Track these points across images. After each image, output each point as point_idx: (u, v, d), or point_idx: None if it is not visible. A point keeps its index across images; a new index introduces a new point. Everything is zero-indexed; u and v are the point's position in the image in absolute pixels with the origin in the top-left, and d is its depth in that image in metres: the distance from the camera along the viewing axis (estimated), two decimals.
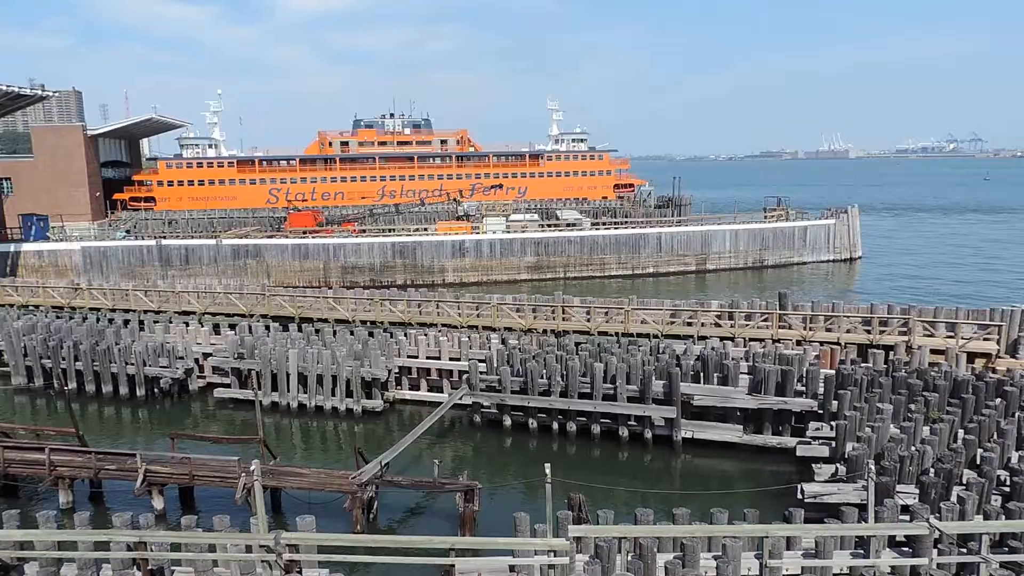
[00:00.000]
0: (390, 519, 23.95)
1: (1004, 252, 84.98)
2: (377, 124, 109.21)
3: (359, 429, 31.80)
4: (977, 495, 18.23)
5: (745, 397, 27.38)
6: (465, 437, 30.93)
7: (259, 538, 13.12)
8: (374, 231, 70.81)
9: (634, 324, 32.97)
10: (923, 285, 63.26)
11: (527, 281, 64.36)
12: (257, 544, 13.29)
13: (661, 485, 25.12)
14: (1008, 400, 24.03)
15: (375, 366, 32.21)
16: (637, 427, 28.82)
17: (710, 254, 68.04)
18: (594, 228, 69.33)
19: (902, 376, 26.09)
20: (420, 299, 37.35)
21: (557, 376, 29.10)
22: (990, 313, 30.01)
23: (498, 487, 26.37)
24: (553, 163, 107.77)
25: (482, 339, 33.92)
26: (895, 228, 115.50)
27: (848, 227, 73.20)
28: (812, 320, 31.26)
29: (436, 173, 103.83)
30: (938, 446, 21.27)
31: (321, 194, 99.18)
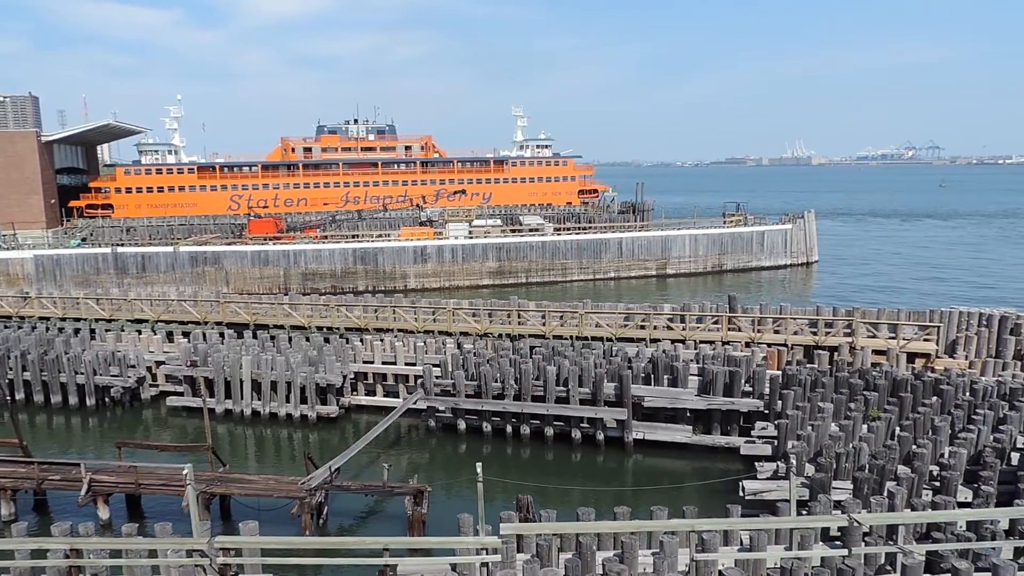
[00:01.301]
0: (341, 523, 23.95)
1: (955, 256, 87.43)
2: (341, 130, 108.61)
3: (314, 435, 31.72)
4: (907, 490, 18.86)
5: (694, 398, 27.89)
6: (420, 441, 31.01)
7: (191, 543, 13.10)
8: (337, 237, 70.46)
9: (588, 328, 33.33)
10: (876, 288, 64.82)
11: (489, 286, 64.57)
12: (191, 549, 13.27)
13: (613, 485, 25.49)
14: (944, 398, 24.82)
15: (330, 372, 32.14)
16: (589, 429, 29.17)
17: (670, 259, 68.93)
18: (556, 233, 69.83)
19: (844, 376, 26.79)
20: (377, 304, 37.34)
21: (511, 380, 29.34)
22: (930, 315, 30.98)
23: (452, 489, 26.49)
24: (518, 169, 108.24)
25: (438, 344, 34.03)
26: (853, 233, 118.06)
27: (804, 232, 74.70)
28: (760, 323, 31.93)
29: (400, 179, 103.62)
30: (874, 443, 21.92)
31: (284, 200, 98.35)
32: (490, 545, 13.56)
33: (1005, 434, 21.98)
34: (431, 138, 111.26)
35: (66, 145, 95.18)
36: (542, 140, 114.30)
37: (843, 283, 67.57)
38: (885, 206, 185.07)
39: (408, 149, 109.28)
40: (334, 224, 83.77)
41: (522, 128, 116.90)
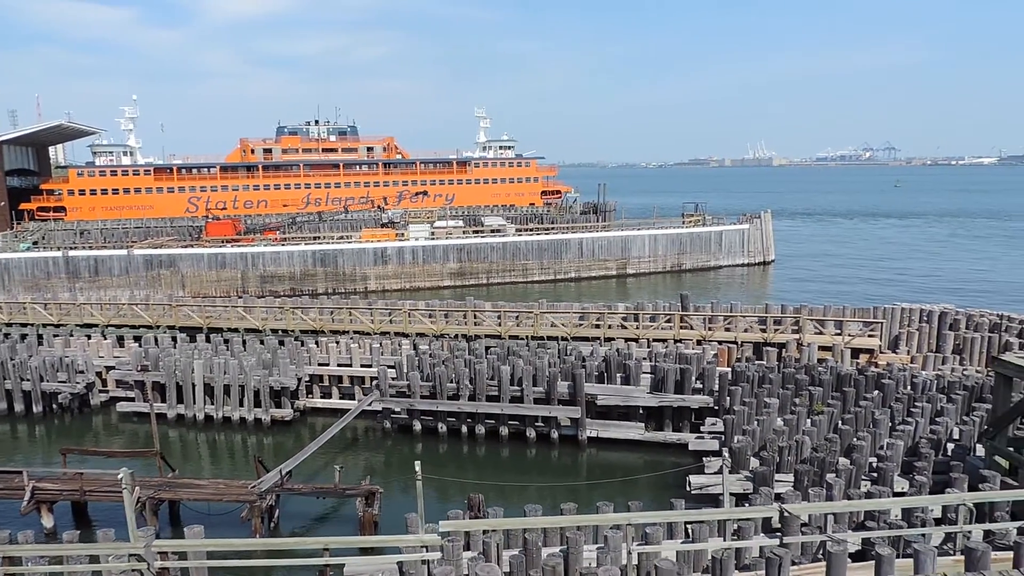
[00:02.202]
0: (293, 526, 23.86)
1: (906, 254, 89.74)
2: (301, 131, 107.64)
3: (268, 439, 31.47)
4: (845, 481, 19.42)
5: (646, 396, 28.31)
6: (376, 443, 30.97)
7: (128, 547, 12.97)
8: (297, 239, 69.82)
9: (544, 327, 33.60)
10: (830, 286, 66.23)
11: (450, 287, 64.57)
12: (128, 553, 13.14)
13: (567, 482, 25.77)
14: (885, 392, 25.54)
15: (284, 375, 31.91)
16: (544, 427, 29.42)
17: (630, 259, 69.64)
18: (518, 234, 70.08)
19: (791, 372, 27.42)
20: (332, 306, 37.15)
21: (465, 380, 29.45)
22: (874, 311, 31.84)
23: (409, 490, 26.49)
24: (480, 170, 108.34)
25: (394, 345, 33.99)
26: (811, 232, 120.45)
27: (761, 232, 76.03)
28: (712, 321, 32.51)
29: (362, 180, 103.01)
30: (817, 436, 22.50)
31: (243, 202, 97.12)
32: (430, 543, 13.65)
33: (941, 426, 22.73)
34: (393, 139, 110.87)
35: (16, 146, 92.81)
36: (505, 141, 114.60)
37: (799, 281, 68.92)
38: (842, 206, 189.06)
39: (370, 150, 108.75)
40: (294, 226, 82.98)
41: (485, 129, 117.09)
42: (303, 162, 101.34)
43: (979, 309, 32.54)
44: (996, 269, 75.96)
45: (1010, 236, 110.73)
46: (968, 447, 21.80)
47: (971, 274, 72.76)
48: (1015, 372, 18.49)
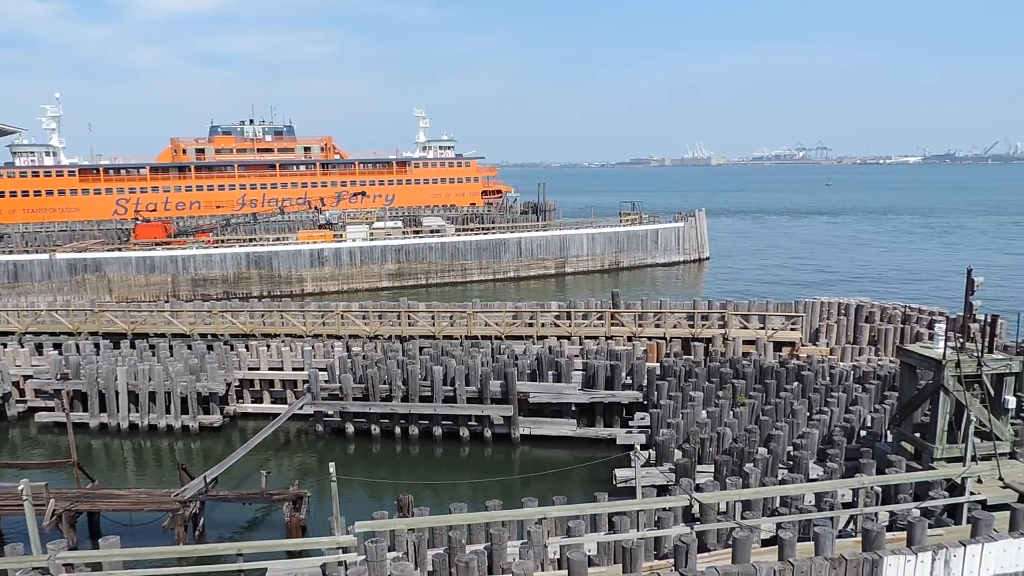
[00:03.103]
0: (220, 534, 23.39)
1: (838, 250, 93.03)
2: (236, 131, 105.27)
3: (196, 446, 30.77)
4: (762, 470, 20.10)
5: (577, 392, 28.70)
6: (308, 446, 30.61)
7: (32, 560, 12.57)
8: (232, 242, 68.28)
9: (477, 327, 33.72)
10: (762, 281, 68.20)
11: (389, 288, 64.13)
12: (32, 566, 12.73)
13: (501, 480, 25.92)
14: (804, 383, 26.48)
15: (212, 380, 31.24)
16: (477, 426, 29.55)
17: (568, 258, 70.35)
18: (457, 234, 70.04)
19: (716, 366, 28.18)
20: (263, 309, 36.52)
21: (398, 381, 29.37)
22: (795, 306, 32.99)
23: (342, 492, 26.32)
24: (421, 170, 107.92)
25: (326, 348, 33.62)
26: (747, 230, 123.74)
27: (696, 230, 77.75)
28: (642, 317, 33.17)
29: (300, 181, 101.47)
30: (738, 428, 23.19)
31: (175, 204, 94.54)
32: (346, 544, 13.62)
33: (854, 414, 23.71)
34: (331, 139, 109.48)
35: None
36: (445, 141, 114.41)
37: (732, 277, 70.74)
38: (777, 204, 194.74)
39: (307, 150, 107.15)
40: (228, 228, 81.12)
41: (424, 129, 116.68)
42: (237, 162, 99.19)
43: (893, 302, 34.07)
44: (915, 263, 79.40)
45: (931, 231, 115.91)
46: (879, 434, 22.80)
47: (892, 268, 75.90)
48: (918, 361, 19.43)
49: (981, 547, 12.80)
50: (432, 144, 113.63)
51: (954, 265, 73.40)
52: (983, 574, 12.88)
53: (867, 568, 12.40)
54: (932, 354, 18.84)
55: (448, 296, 60.48)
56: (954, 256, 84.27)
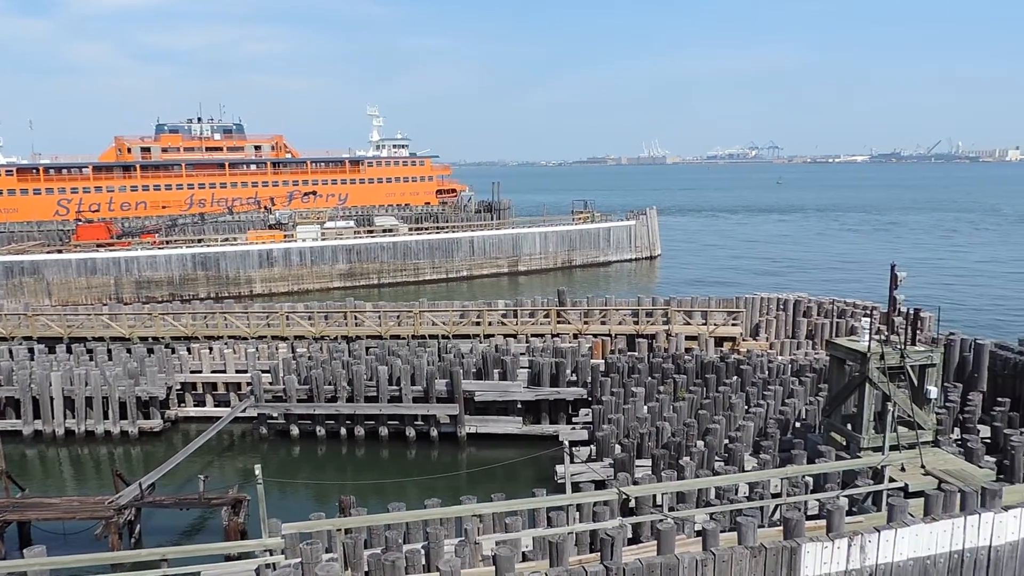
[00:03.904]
0: (158, 540, 22.94)
1: (786, 247, 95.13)
2: (183, 129, 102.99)
3: (136, 451, 30.13)
4: (698, 462, 20.51)
5: (523, 390, 28.88)
6: (252, 449, 30.21)
7: None
8: (179, 243, 66.84)
9: (425, 326, 33.66)
10: (711, 277, 69.41)
11: (340, 289, 63.52)
12: None
13: (446, 479, 25.93)
14: (743, 377, 27.08)
15: (152, 384, 30.59)
16: (423, 426, 29.52)
17: (521, 256, 70.59)
18: (409, 234, 69.73)
19: (658, 361, 28.63)
20: (206, 311, 35.86)
21: (343, 382, 29.17)
22: (736, 301, 33.68)
23: (287, 495, 26.16)
24: (374, 169, 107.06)
25: (271, 349, 33.20)
26: (699, 227, 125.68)
27: (647, 228, 78.73)
28: (588, 315, 33.50)
29: (250, 180, 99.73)
30: (677, 422, 23.60)
31: (120, 204, 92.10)
32: (273, 546, 13.52)
33: (789, 407, 24.33)
34: (282, 137, 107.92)
35: None
36: (399, 140, 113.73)
37: (683, 274, 71.83)
38: (729, 202, 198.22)
39: (258, 149, 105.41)
40: (175, 229, 79.34)
41: (378, 128, 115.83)
42: (185, 161, 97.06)
43: (830, 297, 35.03)
44: (857, 259, 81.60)
45: (876, 228, 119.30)
46: (812, 425, 23.44)
47: (835, 264, 77.93)
48: (845, 354, 20.03)
49: (895, 532, 13.27)
50: (386, 143, 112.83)
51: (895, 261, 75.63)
52: (897, 558, 13.37)
53: (786, 555, 12.76)
54: (858, 347, 19.43)
55: (401, 296, 60.18)
56: (894, 252, 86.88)
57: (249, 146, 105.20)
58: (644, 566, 12.18)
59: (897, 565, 13.40)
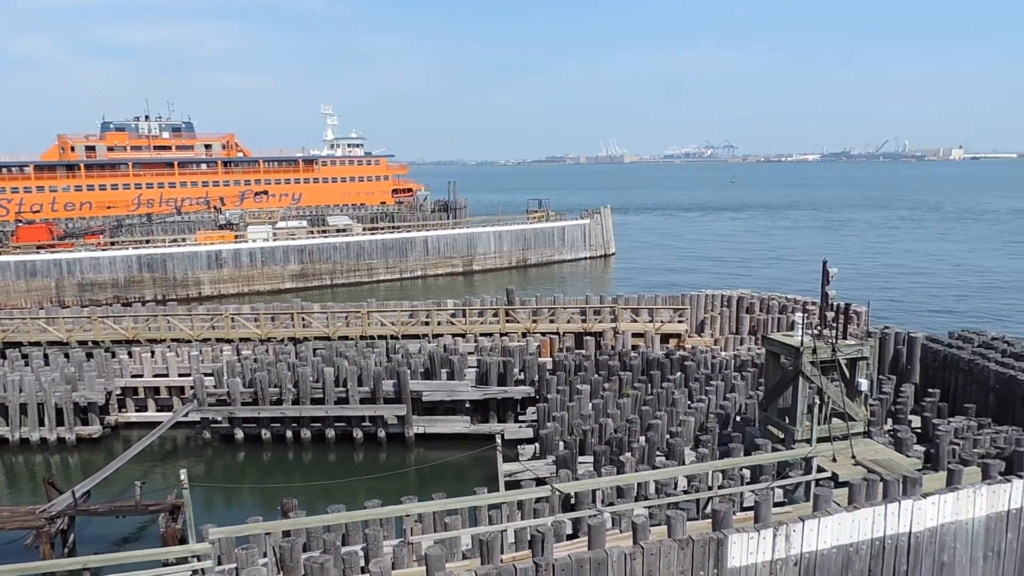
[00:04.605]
0: (95, 549, 22.35)
1: (736, 244, 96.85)
2: (130, 127, 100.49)
3: (73, 459, 29.34)
4: (638, 457, 20.79)
5: (470, 389, 28.89)
6: (195, 455, 29.66)
7: None
8: (126, 244, 65.17)
9: (373, 327, 33.44)
10: (663, 275, 70.30)
11: (292, 290, 62.71)
12: None
13: (393, 480, 25.82)
14: (686, 373, 27.50)
15: (91, 389, 29.83)
16: (371, 427, 29.35)
17: (476, 255, 70.57)
18: (363, 234, 69.15)
19: (605, 359, 28.91)
20: (148, 314, 35.06)
21: (288, 384, 28.81)
22: (682, 298, 34.18)
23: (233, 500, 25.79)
24: (328, 168, 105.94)
25: (215, 352, 32.62)
26: (654, 226, 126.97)
27: (602, 227, 79.37)
28: (537, 313, 33.65)
29: (200, 180, 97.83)
30: (620, 418, 23.87)
31: (63, 204, 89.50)
32: (200, 552, 13.32)
33: (730, 401, 24.81)
34: (234, 136, 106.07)
35: None
36: (354, 139, 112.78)
37: (636, 272, 72.60)
38: (684, 201, 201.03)
39: (208, 148, 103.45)
40: (121, 230, 77.37)
41: (332, 127, 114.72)
42: (132, 160, 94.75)
43: (772, 293, 35.81)
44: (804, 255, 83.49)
45: (825, 226, 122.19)
46: (752, 419, 23.94)
47: (783, 260, 79.64)
48: (780, 349, 20.50)
49: (818, 521, 13.63)
50: (340, 142, 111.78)
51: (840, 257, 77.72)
52: (820, 546, 13.73)
53: (713, 547, 13.01)
54: (792, 342, 19.90)
55: (354, 296, 59.63)
56: (841, 249, 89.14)
57: (199, 145, 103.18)
58: (574, 561, 12.30)
59: (821, 553, 13.77)
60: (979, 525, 15.13)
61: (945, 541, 14.88)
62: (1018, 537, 15.54)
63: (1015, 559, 15.60)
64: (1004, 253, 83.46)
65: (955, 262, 76.82)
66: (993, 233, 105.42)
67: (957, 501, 14.87)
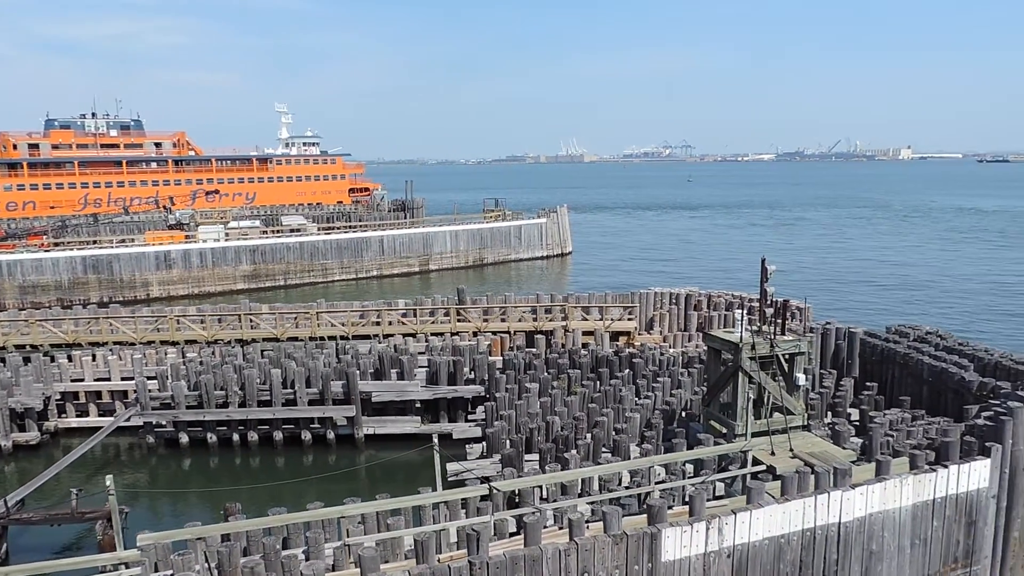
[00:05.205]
0: (30, 558, 21.74)
1: (693, 242, 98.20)
2: (76, 124, 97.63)
3: (10, 467, 28.45)
4: (583, 455, 20.96)
5: (420, 389, 28.78)
6: (139, 460, 29.03)
7: None
8: (71, 244, 63.35)
9: (323, 327, 33.10)
10: (619, 273, 70.94)
11: (244, 291, 61.70)
12: None
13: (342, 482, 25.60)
14: (634, 370, 27.80)
15: (28, 395, 28.96)
16: (320, 429, 29.05)
17: (432, 255, 70.33)
18: (318, 233, 68.36)
19: (554, 357, 29.06)
20: (89, 316, 34.16)
21: (234, 386, 28.36)
22: (631, 296, 34.54)
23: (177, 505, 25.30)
24: (283, 168, 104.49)
25: (159, 355, 31.94)
26: (612, 225, 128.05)
27: (558, 225, 79.75)
28: (488, 312, 33.68)
29: (150, 179, 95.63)
30: (567, 416, 24.02)
31: (5, 204, 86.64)
32: (127, 559, 13.05)
33: (676, 397, 25.14)
34: (184, 134, 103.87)
35: None
36: (309, 138, 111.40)
37: (592, 271, 73.13)
38: (642, 200, 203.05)
39: (158, 146, 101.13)
40: (67, 230, 75.18)
41: (287, 125, 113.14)
42: (78, 159, 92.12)
43: (718, 290, 36.41)
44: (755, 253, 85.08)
45: (779, 224, 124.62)
46: (697, 415, 24.30)
47: (736, 257, 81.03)
48: (721, 345, 20.85)
49: (750, 514, 13.93)
50: (296, 141, 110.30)
51: (790, 255, 79.44)
52: (753, 538, 14.03)
53: (647, 541, 13.20)
54: (731, 338, 20.25)
55: (308, 297, 58.91)
56: (791, 246, 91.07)
57: (149, 143, 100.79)
58: (508, 559, 12.36)
59: (753, 545, 14.07)
60: (906, 514, 15.62)
61: (873, 530, 15.33)
62: (943, 525, 16.09)
63: (941, 546, 16.15)
64: (945, 250, 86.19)
65: (900, 259, 79.05)
66: (938, 231, 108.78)
67: (884, 491, 15.33)
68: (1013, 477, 16.75)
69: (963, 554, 16.40)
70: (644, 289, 36.01)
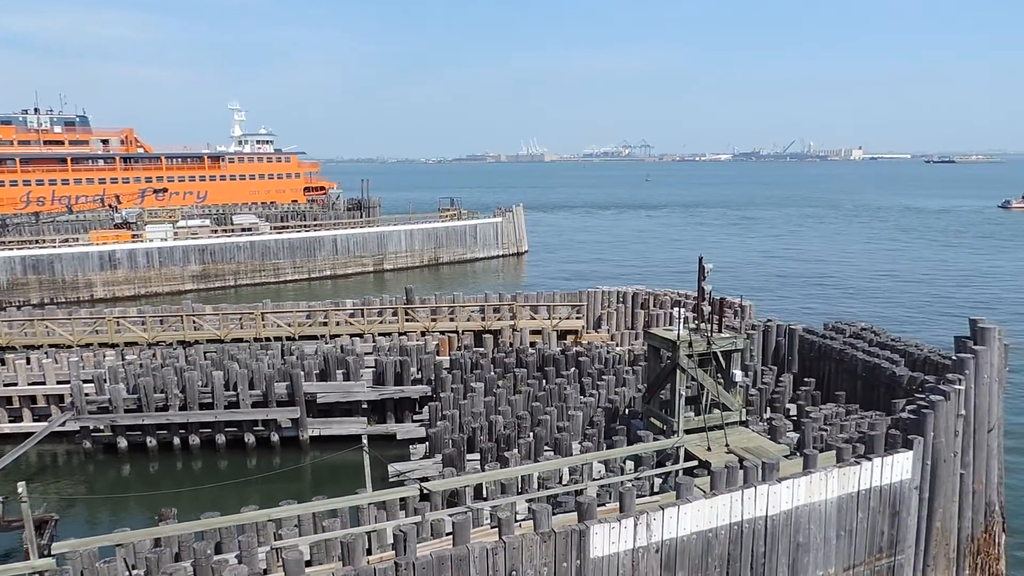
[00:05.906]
0: None
1: (648, 241, 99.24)
2: (17, 120, 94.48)
3: None
4: (524, 453, 21.04)
5: (366, 390, 28.56)
6: (75, 467, 28.26)
7: None
8: (10, 244, 61.30)
9: (268, 328, 32.63)
10: (573, 272, 71.36)
11: (193, 291, 60.51)
12: None
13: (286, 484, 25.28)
14: (580, 368, 27.99)
15: None
16: (264, 431, 28.64)
17: (387, 254, 69.85)
18: (270, 233, 67.34)
19: (501, 356, 29.11)
20: (24, 319, 33.12)
21: (175, 389, 27.79)
22: (579, 295, 34.78)
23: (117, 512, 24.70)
24: (236, 166, 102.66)
25: (98, 358, 31.12)
26: (570, 224, 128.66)
27: (514, 225, 79.88)
28: (436, 312, 33.57)
29: (97, 177, 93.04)
30: (511, 415, 24.10)
31: None
32: (42, 567, 12.71)
33: (620, 395, 25.39)
34: (133, 131, 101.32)
35: None
36: (263, 135, 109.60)
37: (548, 270, 73.43)
38: (600, 199, 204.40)
39: (105, 143, 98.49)
40: (6, 229, 72.76)
41: (240, 123, 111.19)
42: (19, 156, 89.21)
43: (664, 289, 36.89)
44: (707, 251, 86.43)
45: (732, 223, 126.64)
46: (639, 412, 24.58)
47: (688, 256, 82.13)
48: (660, 343, 21.12)
49: (678, 509, 14.14)
50: (249, 138, 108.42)
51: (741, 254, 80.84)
52: (681, 533, 14.24)
53: (575, 538, 13.30)
54: (670, 336, 20.53)
55: (259, 297, 57.90)
56: (743, 245, 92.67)
57: (95, 140, 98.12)
58: (435, 559, 12.35)
59: (681, 540, 14.28)
60: (831, 506, 16.02)
61: (800, 523, 15.69)
62: (868, 516, 16.54)
63: (865, 537, 16.60)
64: (888, 249, 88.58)
65: (845, 258, 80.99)
66: (884, 229, 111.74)
67: (811, 484, 15.70)
68: (935, 468, 17.28)
69: (887, 544, 16.88)
70: (592, 288, 36.28)
